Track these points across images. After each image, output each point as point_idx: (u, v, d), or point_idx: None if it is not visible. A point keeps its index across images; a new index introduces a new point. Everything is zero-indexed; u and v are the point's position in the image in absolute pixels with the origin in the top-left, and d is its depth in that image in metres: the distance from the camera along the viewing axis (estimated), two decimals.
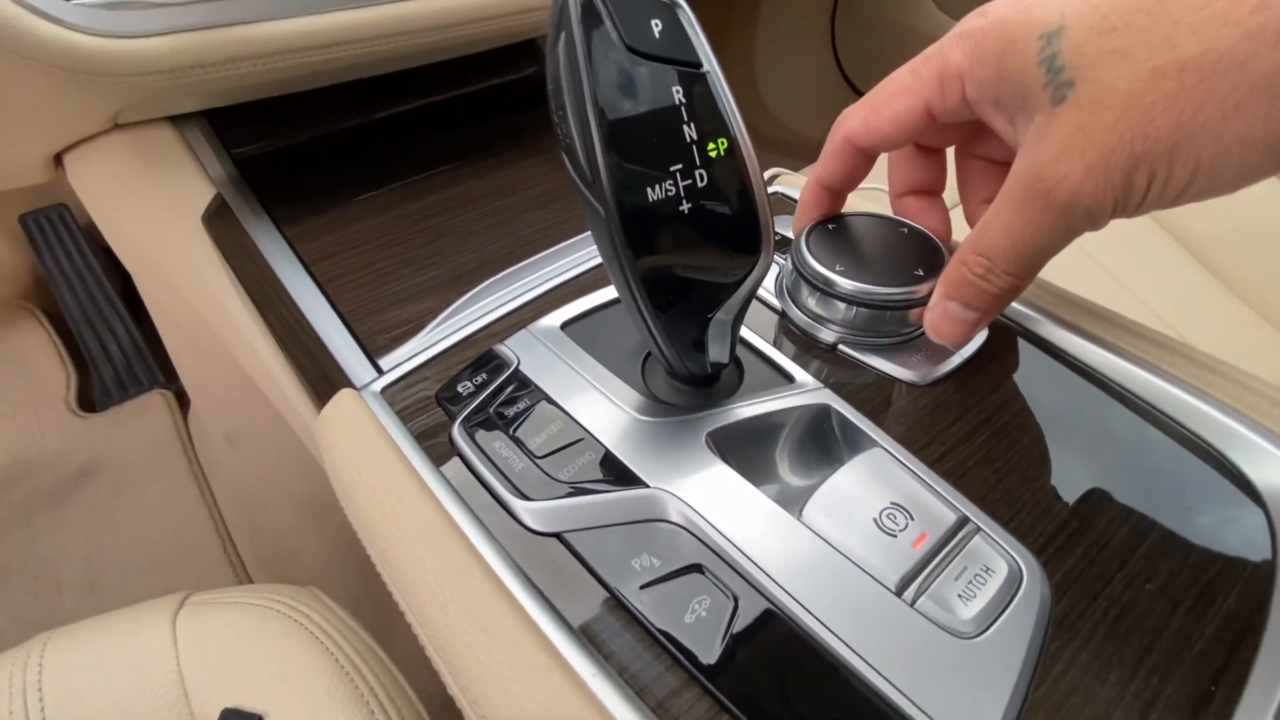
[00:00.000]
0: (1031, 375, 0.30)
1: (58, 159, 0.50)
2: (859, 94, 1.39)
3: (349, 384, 0.32)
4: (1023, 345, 0.32)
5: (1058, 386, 0.30)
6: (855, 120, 0.28)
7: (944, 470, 0.26)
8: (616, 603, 0.23)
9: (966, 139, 0.30)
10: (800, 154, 1.46)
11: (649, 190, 0.22)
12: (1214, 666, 0.22)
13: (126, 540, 0.82)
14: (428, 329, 0.35)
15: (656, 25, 0.21)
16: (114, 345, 1.00)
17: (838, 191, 0.32)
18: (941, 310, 0.26)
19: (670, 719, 0.21)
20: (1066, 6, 0.21)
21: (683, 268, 0.24)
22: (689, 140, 0.22)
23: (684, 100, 0.22)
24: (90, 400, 0.99)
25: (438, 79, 0.52)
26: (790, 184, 0.43)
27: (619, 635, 0.23)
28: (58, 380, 0.98)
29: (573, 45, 0.21)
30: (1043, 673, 0.21)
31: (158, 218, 0.47)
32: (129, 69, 0.34)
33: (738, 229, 0.23)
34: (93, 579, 0.80)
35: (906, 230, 0.32)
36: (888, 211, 0.34)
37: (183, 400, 1.00)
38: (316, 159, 0.48)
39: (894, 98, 0.26)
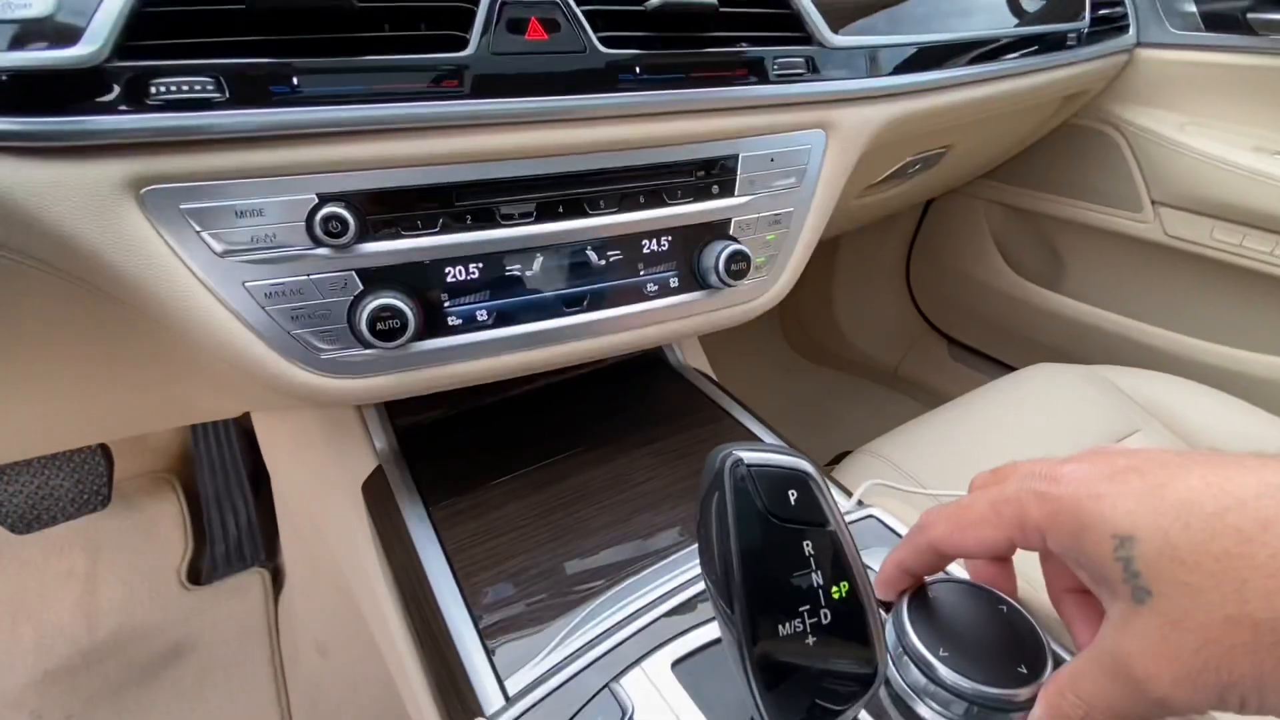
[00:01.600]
0: None
1: None
2: (935, 329, 1.46)
3: (479, 708, 0.35)
4: None
5: None
6: (940, 533, 0.31)
7: None
8: None
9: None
10: (879, 379, 1.51)
11: (779, 626, 0.25)
12: None
13: None
14: (553, 647, 0.38)
15: (793, 494, 0.26)
16: (232, 523, 1.10)
17: (917, 575, 0.34)
18: None
19: None
20: (1137, 518, 0.23)
21: (803, 684, 0.27)
22: (815, 586, 0.26)
23: (812, 553, 0.26)
24: (198, 572, 1.07)
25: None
26: (882, 507, 0.47)
27: None
28: (176, 552, 1.07)
29: (724, 505, 0.26)
30: None
31: (324, 476, 0.55)
32: (346, 399, 0.42)
33: (855, 655, 0.26)
34: None
35: (1005, 611, 0.34)
36: None
37: (277, 579, 1.06)
38: (461, 431, 0.56)
39: (977, 527, 0.29)
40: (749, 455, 0.26)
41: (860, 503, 0.48)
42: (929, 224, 1.41)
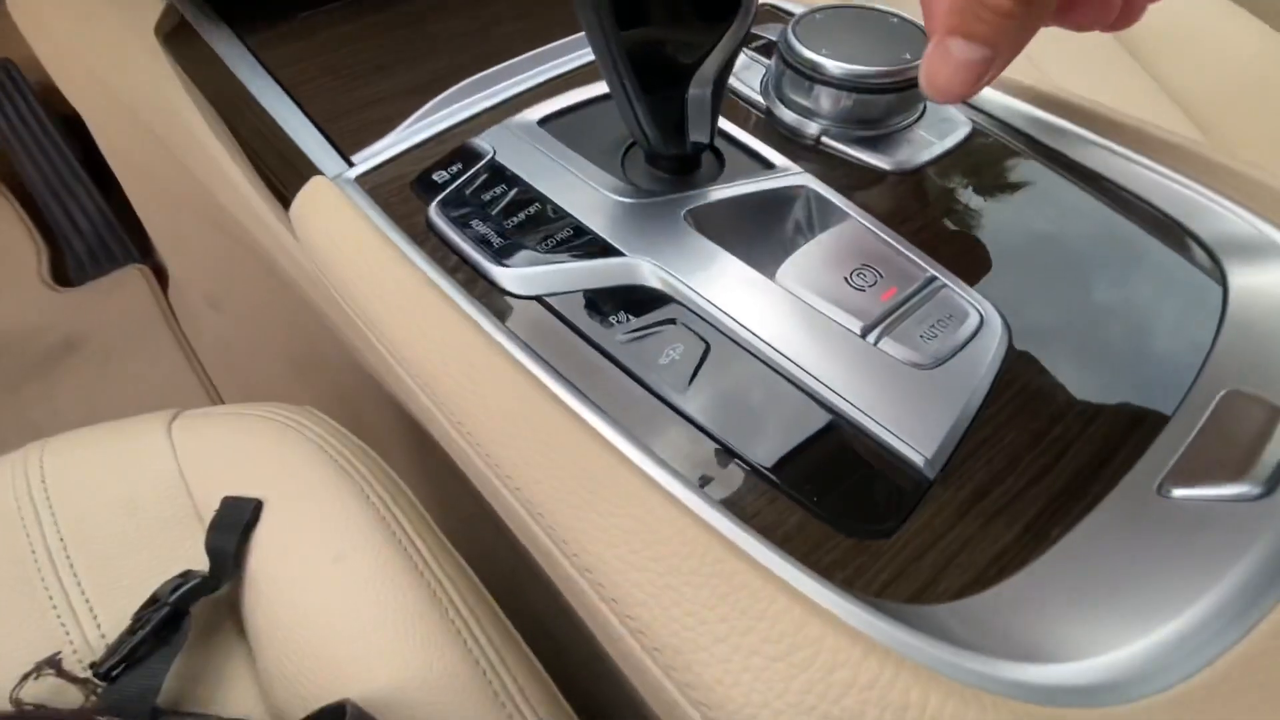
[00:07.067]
0: (1011, 165, 0.31)
1: None
2: None
3: (312, 171, 0.31)
4: (1003, 137, 0.32)
5: (1034, 175, 0.30)
6: None
7: (917, 241, 0.27)
8: (598, 355, 0.24)
9: None
10: None
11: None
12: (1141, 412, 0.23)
13: (118, 405, 0.83)
14: (400, 128, 0.34)
15: None
16: (82, 217, 0.97)
17: None
18: (940, 52, 0.20)
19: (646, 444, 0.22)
20: None
21: (664, 39, 0.23)
22: None
23: None
24: (65, 274, 0.97)
25: None
26: None
27: (601, 382, 0.24)
28: (28, 254, 0.96)
29: None
30: (996, 393, 0.23)
31: (110, 39, 0.44)
32: None
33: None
34: None
35: (896, 20, 0.31)
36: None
37: (160, 276, 0.98)
38: None
39: None
40: None
41: None
42: None
